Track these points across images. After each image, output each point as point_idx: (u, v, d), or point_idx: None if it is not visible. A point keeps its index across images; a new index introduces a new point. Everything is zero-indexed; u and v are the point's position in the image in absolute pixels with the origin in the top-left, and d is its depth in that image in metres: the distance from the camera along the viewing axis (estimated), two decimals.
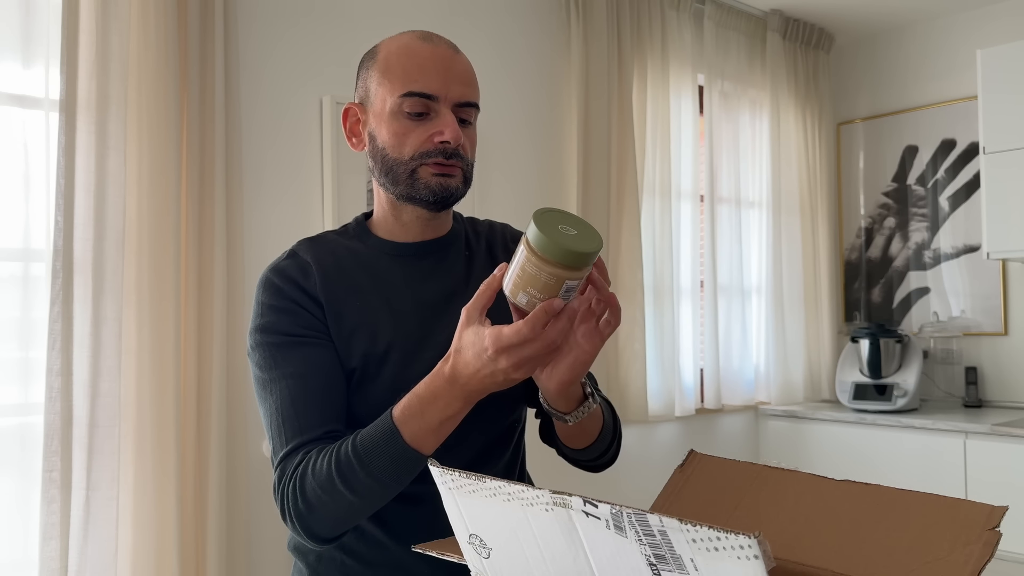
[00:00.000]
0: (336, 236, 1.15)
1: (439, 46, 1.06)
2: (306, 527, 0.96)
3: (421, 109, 1.03)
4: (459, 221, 1.19)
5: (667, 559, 0.58)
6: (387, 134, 1.05)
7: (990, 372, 3.60)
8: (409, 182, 1.05)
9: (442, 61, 1.05)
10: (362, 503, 0.94)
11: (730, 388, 3.56)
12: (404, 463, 0.92)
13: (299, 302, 1.05)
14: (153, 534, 1.99)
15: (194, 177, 2.11)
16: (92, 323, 1.95)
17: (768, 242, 3.69)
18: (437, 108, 1.04)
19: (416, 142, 1.04)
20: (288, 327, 1.04)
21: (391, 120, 1.05)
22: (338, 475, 0.93)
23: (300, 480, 0.96)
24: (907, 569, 0.73)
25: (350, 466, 0.93)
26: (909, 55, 3.90)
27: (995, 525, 0.73)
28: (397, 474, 0.93)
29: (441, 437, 0.94)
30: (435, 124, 1.04)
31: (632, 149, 3.08)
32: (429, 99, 1.03)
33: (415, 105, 1.03)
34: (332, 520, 0.96)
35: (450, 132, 1.03)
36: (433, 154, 1.04)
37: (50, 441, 1.86)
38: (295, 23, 2.42)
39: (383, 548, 1.07)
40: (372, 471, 0.92)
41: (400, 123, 1.04)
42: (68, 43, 1.92)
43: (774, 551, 0.78)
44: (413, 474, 0.94)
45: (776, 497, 0.86)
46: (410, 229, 1.12)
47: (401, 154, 1.05)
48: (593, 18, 3.03)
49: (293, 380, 1.02)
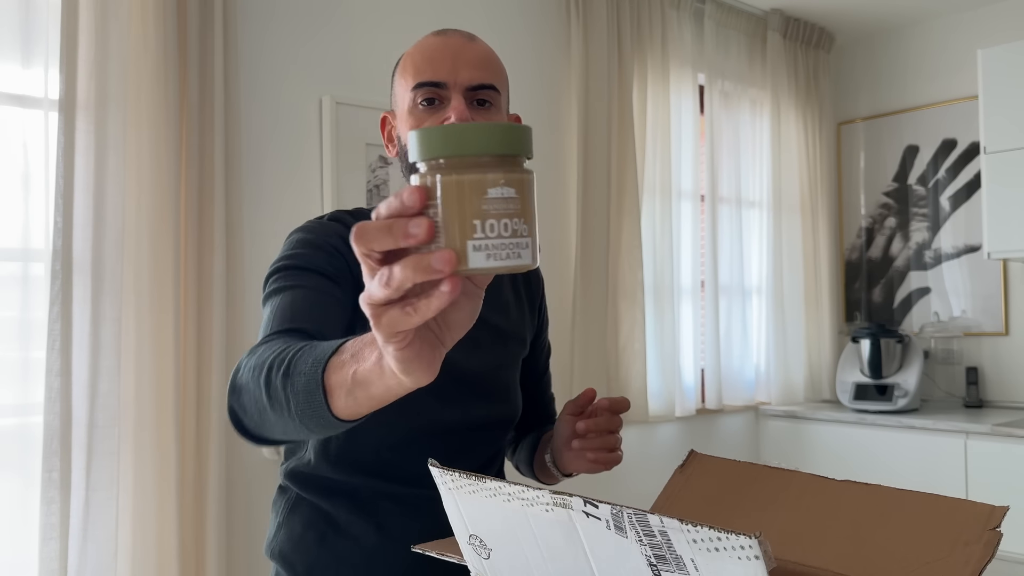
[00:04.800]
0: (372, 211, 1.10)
1: (451, 37, 1.05)
2: (232, 410, 0.80)
3: (431, 96, 1.02)
4: None
5: (667, 559, 0.58)
6: (405, 131, 1.04)
7: (991, 372, 3.60)
8: None
9: (451, 49, 1.03)
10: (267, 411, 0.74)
11: (731, 388, 3.56)
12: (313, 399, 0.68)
13: (340, 249, 1.02)
14: (153, 534, 1.99)
15: (193, 177, 2.11)
16: (92, 323, 1.95)
17: (769, 242, 3.69)
18: (448, 96, 1.02)
19: None
20: (318, 262, 0.99)
21: (408, 116, 1.04)
22: (265, 376, 0.74)
23: (245, 364, 0.81)
24: (907, 569, 0.73)
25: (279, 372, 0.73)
26: (909, 55, 3.90)
27: (995, 525, 0.73)
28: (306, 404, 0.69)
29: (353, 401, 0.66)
30: (446, 111, 1.01)
31: (632, 149, 3.08)
32: (438, 87, 1.01)
33: (425, 94, 1.02)
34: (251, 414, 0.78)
35: (456, 114, 1.00)
36: None
37: (50, 441, 1.86)
38: (295, 23, 2.42)
39: (382, 552, 1.05)
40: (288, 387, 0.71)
41: (415, 117, 1.03)
42: (67, 43, 1.92)
43: (775, 551, 0.78)
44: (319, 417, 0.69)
45: (776, 497, 0.85)
46: None
47: None
48: (593, 18, 3.03)
49: (304, 291, 0.95)
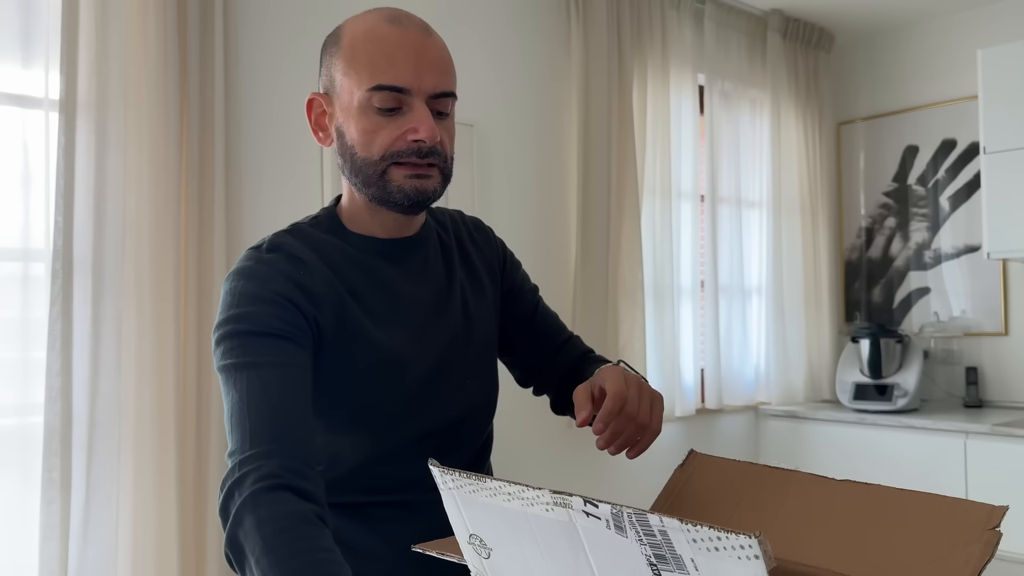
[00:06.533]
0: (311, 229, 1.03)
1: (409, 29, 0.95)
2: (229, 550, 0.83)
3: (392, 104, 0.94)
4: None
5: (667, 559, 0.58)
6: (355, 131, 0.96)
7: (990, 372, 3.60)
8: (380, 184, 0.96)
9: (413, 47, 0.94)
10: None
11: (730, 388, 3.56)
12: None
13: (288, 296, 0.93)
14: (153, 534, 1.99)
15: (194, 177, 2.11)
16: (92, 323, 1.95)
17: (768, 242, 3.69)
18: (410, 102, 0.94)
19: (387, 140, 0.95)
20: (270, 320, 0.91)
21: (359, 116, 0.95)
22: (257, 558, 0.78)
23: (249, 515, 0.80)
24: (907, 569, 0.73)
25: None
26: (909, 55, 3.90)
27: (995, 525, 0.73)
28: None
29: None
30: (408, 120, 0.94)
31: (632, 149, 3.08)
32: (400, 92, 0.94)
33: (385, 100, 0.94)
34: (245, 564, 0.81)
35: (425, 130, 0.94)
36: (406, 154, 0.95)
37: (50, 441, 1.86)
38: (295, 23, 2.42)
39: (377, 558, 1.02)
40: None
41: (369, 119, 0.95)
42: (68, 43, 1.92)
43: (774, 551, 0.78)
44: None
45: (776, 497, 0.85)
46: (387, 226, 1.04)
47: (371, 153, 0.95)
48: (593, 18, 3.03)
49: (271, 369, 0.88)
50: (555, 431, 2.97)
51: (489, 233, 1.21)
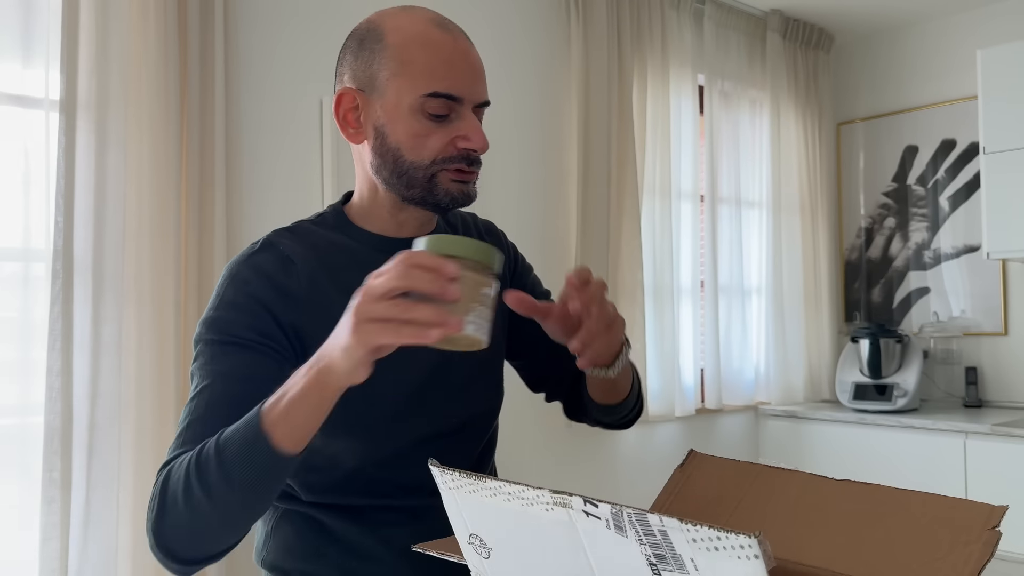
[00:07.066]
0: (314, 227, 1.04)
1: (459, 37, 0.98)
2: (160, 535, 0.84)
3: (445, 111, 0.96)
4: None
5: (667, 559, 0.58)
6: (404, 134, 0.96)
7: (990, 372, 3.60)
8: (428, 187, 0.98)
9: (464, 56, 0.97)
10: (212, 508, 0.81)
11: (730, 388, 3.56)
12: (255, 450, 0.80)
13: (264, 302, 0.94)
14: None
15: (194, 177, 2.11)
16: (92, 323, 1.95)
17: (768, 242, 3.69)
18: (459, 109, 0.97)
19: (437, 146, 0.96)
20: (239, 329, 0.93)
21: (409, 118, 0.96)
22: (195, 470, 0.82)
23: (163, 483, 0.85)
24: (907, 569, 0.73)
25: (207, 459, 0.81)
26: (909, 55, 3.90)
27: (995, 525, 0.73)
28: (247, 462, 0.80)
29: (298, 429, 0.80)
30: (457, 128, 0.97)
31: (632, 149, 3.08)
32: (453, 100, 0.96)
33: (439, 107, 0.95)
34: (186, 532, 0.83)
35: (477, 140, 0.96)
36: (455, 160, 0.97)
37: (50, 441, 1.86)
38: (296, 23, 2.42)
39: (377, 559, 1.02)
40: (224, 460, 0.80)
41: (421, 124, 0.96)
42: (68, 43, 1.92)
43: (774, 551, 0.78)
44: (265, 472, 0.81)
45: (776, 497, 0.86)
46: (406, 225, 1.04)
47: (420, 157, 0.96)
48: (593, 18, 3.03)
49: (221, 382, 0.92)
50: (555, 431, 2.97)
51: (501, 236, 1.22)
